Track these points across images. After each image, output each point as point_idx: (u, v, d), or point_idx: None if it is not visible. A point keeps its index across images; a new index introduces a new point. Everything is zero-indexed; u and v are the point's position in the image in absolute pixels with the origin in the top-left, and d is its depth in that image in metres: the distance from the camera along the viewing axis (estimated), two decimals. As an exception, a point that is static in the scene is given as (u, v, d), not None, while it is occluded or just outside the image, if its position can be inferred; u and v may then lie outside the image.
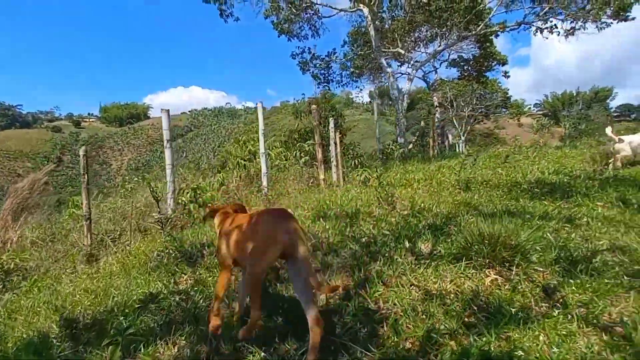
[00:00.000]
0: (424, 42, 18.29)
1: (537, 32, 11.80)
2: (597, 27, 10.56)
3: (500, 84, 25.98)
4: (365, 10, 11.57)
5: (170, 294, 2.86)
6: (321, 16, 13.58)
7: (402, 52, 14.75)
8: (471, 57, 17.42)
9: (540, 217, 3.83)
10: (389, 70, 11.44)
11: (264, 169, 7.38)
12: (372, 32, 11.61)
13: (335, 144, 8.90)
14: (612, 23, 10.35)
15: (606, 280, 2.33)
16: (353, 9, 12.62)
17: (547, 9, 11.08)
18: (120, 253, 4.26)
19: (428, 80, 19.19)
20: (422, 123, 15.14)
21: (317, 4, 12.73)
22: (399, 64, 16.80)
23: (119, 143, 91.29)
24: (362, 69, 16.36)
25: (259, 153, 8.61)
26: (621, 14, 10.01)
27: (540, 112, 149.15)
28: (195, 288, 2.87)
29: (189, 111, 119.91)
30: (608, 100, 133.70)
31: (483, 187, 5.50)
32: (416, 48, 18.56)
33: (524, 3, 11.70)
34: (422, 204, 4.76)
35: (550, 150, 9.38)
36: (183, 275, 3.24)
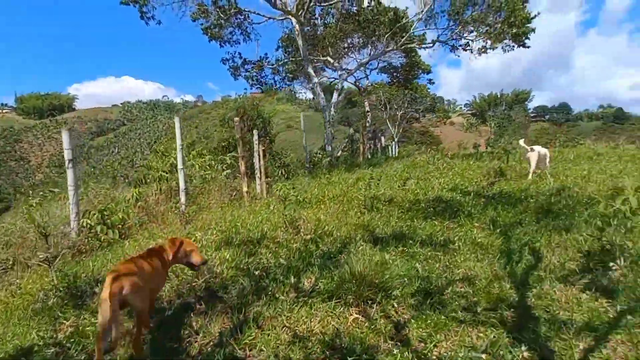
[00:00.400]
0: (357, 48, 18.91)
1: (452, 50, 12.88)
2: (502, 48, 11.75)
3: (429, 90, 27.57)
4: (294, 20, 11.71)
5: (46, 346, 2.80)
6: (252, 22, 13.50)
7: (332, 60, 15.13)
8: (399, 65, 18.40)
9: (422, 242, 4.27)
10: (315, 80, 11.71)
11: (182, 185, 7.25)
12: (300, 42, 11.79)
13: (259, 155, 8.97)
14: (514, 46, 11.61)
15: (443, 317, 2.70)
16: (281, 18, 12.72)
17: (459, 28, 12.12)
18: (5, 292, 4.01)
19: (360, 85, 19.89)
20: (351, 130, 15.67)
21: (245, 10, 12.64)
22: (332, 70, 17.25)
23: (38, 137, 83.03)
24: (296, 73, 16.55)
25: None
26: (519, 40, 11.27)
27: (470, 112, 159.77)
28: (72, 339, 2.83)
29: (122, 103, 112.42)
30: (527, 102, 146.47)
31: (386, 206, 5.92)
32: (349, 54, 19.12)
33: (437, 24, 12.67)
34: (326, 227, 5.04)
35: (457, 162, 10.23)
36: (65, 321, 3.16)
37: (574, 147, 14.94)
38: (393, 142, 27.44)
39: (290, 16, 11.59)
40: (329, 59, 15.10)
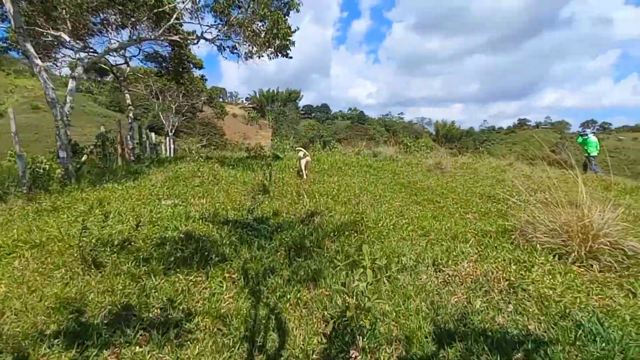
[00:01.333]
0: (114, 27, 15.63)
1: (219, 50, 12.07)
2: (267, 56, 11.80)
3: (206, 84, 26.30)
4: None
5: None
6: None
7: (67, 38, 11.67)
8: (168, 56, 16.29)
9: (151, 324, 3.16)
10: (39, 62, 8.51)
11: None
12: (9, 6, 8.29)
13: None
14: (278, 55, 11.86)
15: None
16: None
17: (225, 29, 11.41)
18: None
19: (118, 74, 16.50)
20: (102, 128, 12.67)
21: None
22: (71, 50, 13.42)
23: None
24: (13, 46, 11.92)
25: None
26: (282, 51, 11.59)
27: (251, 105, 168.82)
28: None
29: None
30: (298, 101, 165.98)
31: (118, 256, 4.46)
32: (103, 33, 15.63)
33: (203, 19, 11.60)
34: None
35: (225, 174, 9.59)
36: None
37: (330, 150, 17.00)
38: (168, 138, 24.98)
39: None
40: (63, 35, 11.54)
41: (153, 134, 20.62)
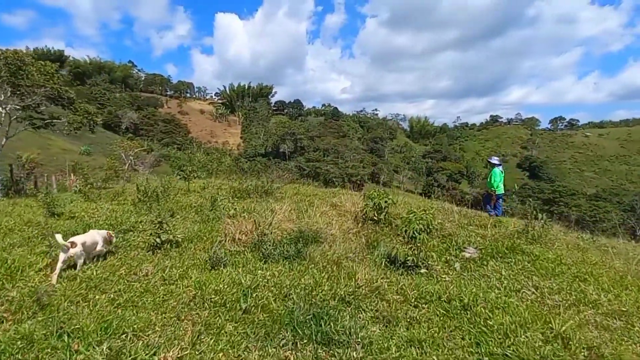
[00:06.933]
0: None
1: None
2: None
3: (54, 72, 18.21)
4: None
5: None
6: None
7: None
8: None
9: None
10: None
11: None
12: None
13: None
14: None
15: None
16: None
17: None
18: None
19: None
20: None
21: None
22: None
23: None
24: None
25: None
26: None
27: (221, 101, 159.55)
28: None
29: None
30: (270, 96, 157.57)
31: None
32: None
33: None
34: None
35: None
36: None
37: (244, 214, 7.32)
38: None
39: None
40: None
41: None
